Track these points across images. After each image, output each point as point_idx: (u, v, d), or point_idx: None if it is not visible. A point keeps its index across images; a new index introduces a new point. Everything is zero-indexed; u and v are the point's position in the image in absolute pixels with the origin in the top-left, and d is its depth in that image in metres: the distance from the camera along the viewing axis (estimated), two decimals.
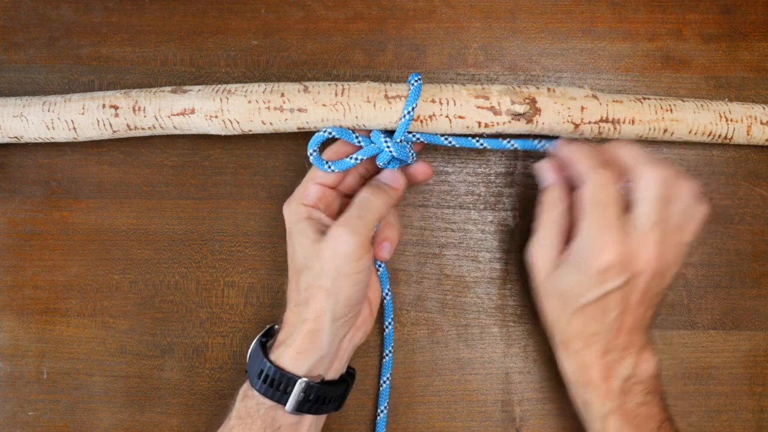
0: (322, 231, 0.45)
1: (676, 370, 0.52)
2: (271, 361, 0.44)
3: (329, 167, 0.46)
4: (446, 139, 0.48)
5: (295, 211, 0.46)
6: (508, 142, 0.48)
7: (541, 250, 0.46)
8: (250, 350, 0.46)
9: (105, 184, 0.53)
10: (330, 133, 0.46)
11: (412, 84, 0.46)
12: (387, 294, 0.51)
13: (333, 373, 0.46)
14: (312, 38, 0.54)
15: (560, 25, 0.54)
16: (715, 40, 0.54)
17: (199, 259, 0.53)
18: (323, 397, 0.45)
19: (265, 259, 0.53)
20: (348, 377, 0.48)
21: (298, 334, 0.44)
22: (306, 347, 0.44)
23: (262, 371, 0.44)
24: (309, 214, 0.46)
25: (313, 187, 0.47)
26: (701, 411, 0.52)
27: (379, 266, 0.50)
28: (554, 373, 0.52)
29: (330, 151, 0.48)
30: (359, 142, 0.47)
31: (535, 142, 0.49)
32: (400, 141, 0.46)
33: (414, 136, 0.47)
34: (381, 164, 0.47)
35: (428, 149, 0.53)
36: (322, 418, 0.47)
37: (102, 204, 0.53)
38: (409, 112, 0.45)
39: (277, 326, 0.48)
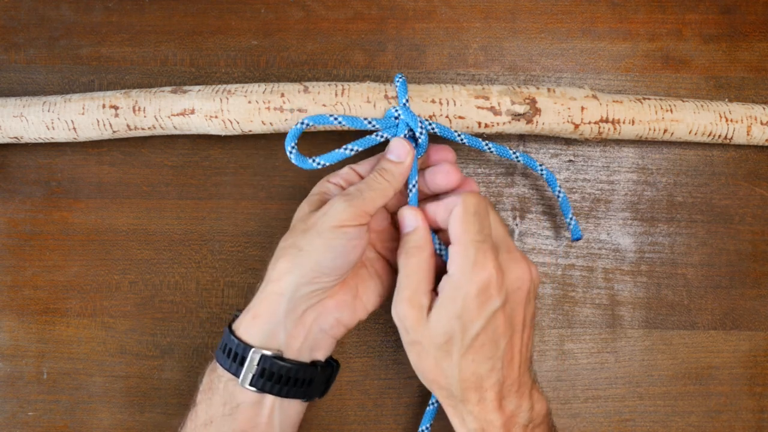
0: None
1: (676, 370, 0.52)
2: (231, 331, 0.43)
3: (316, 162, 0.45)
4: (459, 135, 0.46)
5: (319, 184, 0.46)
6: (514, 153, 0.48)
7: (409, 300, 0.42)
8: None
9: (105, 184, 0.53)
10: (306, 124, 0.45)
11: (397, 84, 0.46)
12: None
13: (296, 353, 0.43)
14: (312, 38, 0.54)
15: (560, 25, 0.54)
16: (715, 40, 0.54)
17: (199, 259, 0.53)
18: (284, 376, 0.41)
19: (265, 259, 0.52)
20: (323, 365, 0.44)
21: (258, 297, 0.43)
22: (262, 311, 0.42)
23: (224, 341, 0.43)
24: (327, 189, 0.46)
25: (347, 168, 0.47)
26: (701, 411, 0.52)
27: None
28: (549, 373, 0.52)
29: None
30: (339, 122, 0.45)
31: (539, 165, 0.48)
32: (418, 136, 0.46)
33: (431, 125, 0.46)
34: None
35: None
36: (292, 405, 0.43)
37: (102, 204, 0.53)
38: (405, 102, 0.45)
39: None
